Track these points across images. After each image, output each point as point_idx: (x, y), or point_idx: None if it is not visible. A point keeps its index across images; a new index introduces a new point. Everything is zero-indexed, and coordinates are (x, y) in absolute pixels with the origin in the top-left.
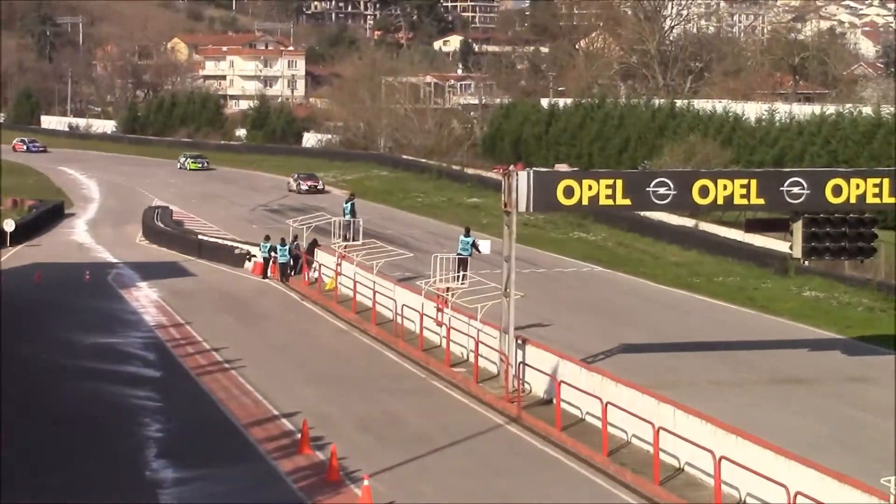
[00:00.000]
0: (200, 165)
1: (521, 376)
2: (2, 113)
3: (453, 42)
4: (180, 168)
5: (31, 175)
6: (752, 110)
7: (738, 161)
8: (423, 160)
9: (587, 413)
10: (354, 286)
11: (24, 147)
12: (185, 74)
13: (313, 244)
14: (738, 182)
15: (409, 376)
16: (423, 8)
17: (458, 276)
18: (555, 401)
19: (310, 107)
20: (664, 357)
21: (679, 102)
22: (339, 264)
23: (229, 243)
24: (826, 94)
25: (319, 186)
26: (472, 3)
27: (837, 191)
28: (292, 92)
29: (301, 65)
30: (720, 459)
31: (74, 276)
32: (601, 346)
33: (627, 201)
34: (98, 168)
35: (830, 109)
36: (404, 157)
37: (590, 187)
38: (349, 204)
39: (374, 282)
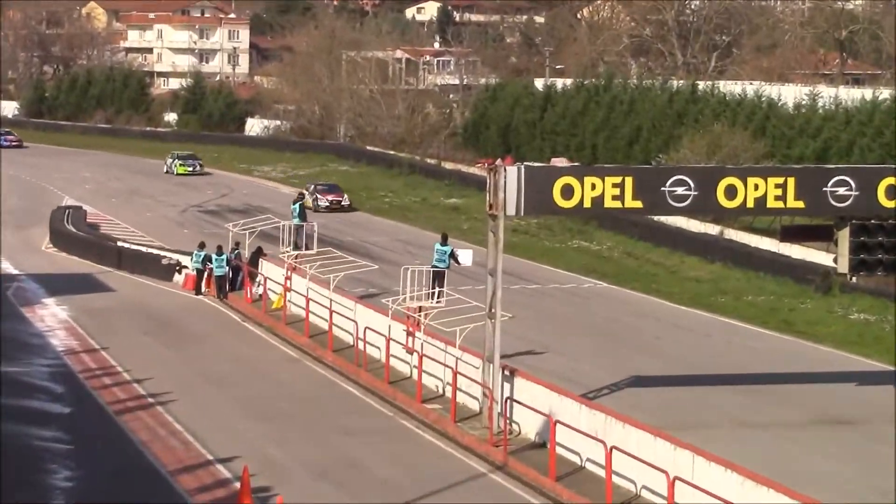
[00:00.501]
0: (192, 169)
1: (507, 414)
2: None
3: (429, 9)
4: (167, 172)
5: None
6: (789, 94)
7: (773, 155)
8: (392, 152)
9: (588, 459)
10: (307, 305)
11: (295, 203)
12: (104, 46)
13: (257, 253)
14: (772, 181)
15: (372, 413)
16: None
17: (433, 293)
18: (549, 444)
19: (255, 87)
20: (682, 392)
21: (702, 84)
22: (288, 278)
23: (155, 251)
24: (879, 76)
25: (345, 202)
26: None
27: (892, 192)
28: (234, 69)
29: (245, 36)
30: None
31: None
32: (606, 378)
33: (639, 203)
34: None
35: (884, 93)
36: (369, 148)
37: (593, 186)
38: (298, 205)
39: (331, 299)
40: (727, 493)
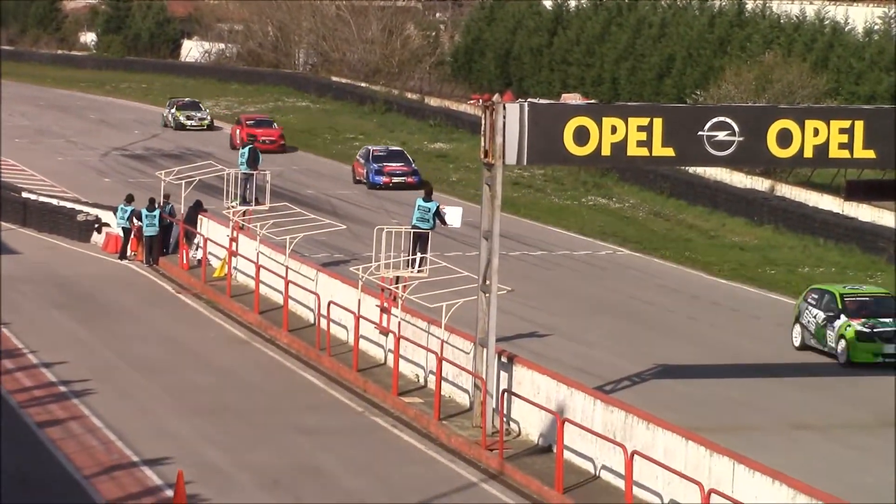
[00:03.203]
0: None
1: (504, 411)
2: None
3: None
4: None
5: None
6: (859, 16)
7: (838, 93)
8: (364, 84)
9: (603, 467)
10: (257, 273)
11: (244, 146)
12: None
13: (195, 208)
14: (836, 124)
15: (337, 408)
16: None
17: (414, 261)
18: (555, 448)
19: (193, 1)
20: (721, 386)
21: (750, 3)
22: (233, 239)
23: (69, 205)
24: None
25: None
26: None
27: None
28: None
29: None
30: None
31: None
32: (626, 367)
33: (670, 151)
34: None
35: None
36: (334, 79)
37: (613, 129)
38: (247, 149)
39: (288, 267)
40: None
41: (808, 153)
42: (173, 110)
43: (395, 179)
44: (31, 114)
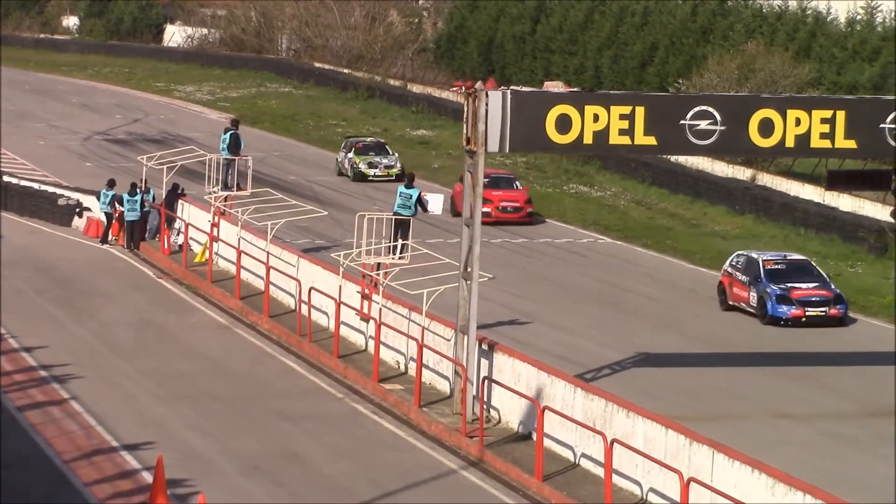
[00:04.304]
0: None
1: (485, 398)
2: None
3: None
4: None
5: None
6: (841, 7)
7: (820, 83)
8: (346, 71)
9: (583, 455)
10: (238, 259)
11: (227, 132)
12: None
13: (174, 193)
14: (817, 114)
15: (318, 394)
16: None
17: (395, 247)
18: (535, 436)
19: None
20: (701, 375)
21: None
22: (215, 225)
23: (51, 189)
24: None
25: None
26: None
27: None
28: None
29: None
30: None
31: None
32: (607, 355)
33: (652, 140)
34: None
35: None
36: (317, 65)
37: (596, 118)
38: (229, 135)
39: (269, 253)
40: (754, 499)
41: (790, 143)
42: (350, 154)
43: (811, 311)
44: (13, 98)
